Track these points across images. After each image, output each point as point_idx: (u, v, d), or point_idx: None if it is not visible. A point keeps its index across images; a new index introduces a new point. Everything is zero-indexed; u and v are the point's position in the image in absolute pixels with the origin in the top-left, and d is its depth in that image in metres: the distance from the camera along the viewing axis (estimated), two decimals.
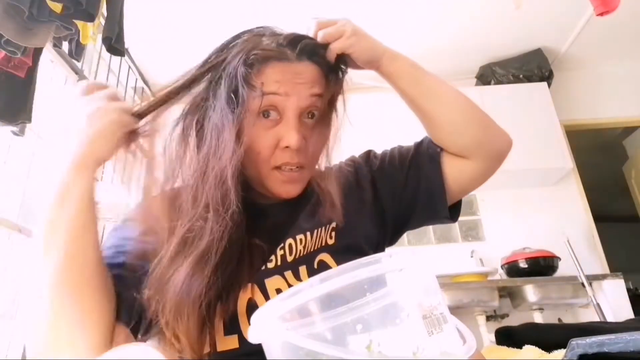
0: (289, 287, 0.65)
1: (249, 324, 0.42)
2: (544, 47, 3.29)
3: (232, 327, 0.62)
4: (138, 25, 2.40)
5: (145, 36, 2.78)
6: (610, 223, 4.40)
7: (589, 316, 2.67)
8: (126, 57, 2.82)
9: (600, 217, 3.30)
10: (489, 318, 2.67)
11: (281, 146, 0.66)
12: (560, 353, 1.19)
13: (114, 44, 1.82)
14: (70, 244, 0.56)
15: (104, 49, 1.99)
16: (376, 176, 0.80)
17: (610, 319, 2.39)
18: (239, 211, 0.62)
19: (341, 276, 0.39)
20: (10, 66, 1.63)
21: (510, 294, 2.70)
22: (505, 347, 1.45)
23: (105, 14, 1.79)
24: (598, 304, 2.37)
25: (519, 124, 2.71)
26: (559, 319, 2.76)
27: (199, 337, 0.59)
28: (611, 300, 2.50)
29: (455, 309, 2.46)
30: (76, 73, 2.36)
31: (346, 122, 0.75)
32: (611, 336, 0.47)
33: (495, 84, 3.30)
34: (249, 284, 0.64)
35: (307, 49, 0.68)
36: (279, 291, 0.65)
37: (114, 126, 0.61)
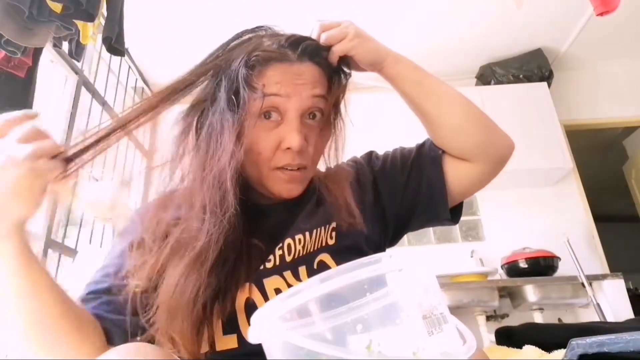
0: (288, 287, 0.65)
1: (247, 324, 0.42)
2: (544, 47, 3.29)
3: (230, 327, 0.62)
4: (138, 25, 2.40)
5: (145, 36, 2.78)
6: (610, 223, 4.40)
7: (589, 316, 2.67)
8: (126, 57, 2.82)
9: (600, 217, 3.30)
10: (489, 318, 2.67)
11: (283, 147, 0.66)
12: (560, 353, 1.19)
13: (114, 44, 1.82)
14: (25, 314, 0.55)
15: (104, 49, 1.99)
16: (378, 177, 0.80)
17: (610, 319, 2.39)
18: (237, 213, 0.62)
19: (341, 276, 0.39)
20: (10, 66, 1.63)
21: (510, 294, 2.70)
22: (505, 347, 1.45)
23: (105, 14, 1.79)
24: (598, 304, 2.37)
25: (519, 124, 2.72)
26: (559, 319, 2.76)
27: (193, 338, 0.58)
28: (611, 300, 2.50)
29: (455, 309, 2.46)
30: (76, 73, 2.36)
31: (348, 122, 0.75)
32: (611, 336, 0.47)
33: (495, 84, 3.30)
34: (247, 283, 0.64)
35: (308, 50, 0.68)
36: (277, 291, 0.65)
37: (28, 180, 0.50)
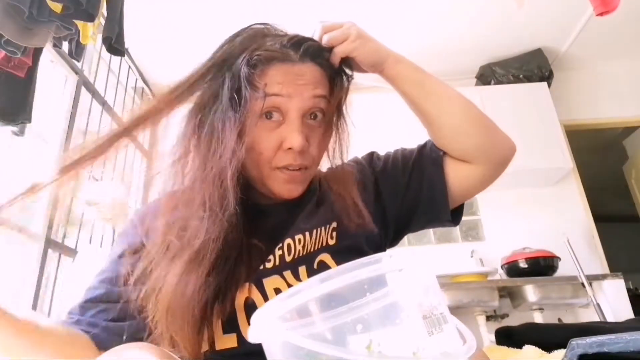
0: (288, 287, 0.65)
1: (247, 323, 0.42)
2: (544, 47, 3.29)
3: (230, 326, 0.62)
4: (138, 25, 2.40)
5: (145, 36, 2.78)
6: (610, 223, 4.40)
7: (589, 316, 2.67)
8: (126, 57, 2.82)
9: (600, 217, 3.30)
10: (489, 318, 2.67)
11: (284, 147, 0.66)
12: (560, 353, 1.19)
13: (114, 44, 1.81)
14: None
15: (104, 49, 1.98)
16: (379, 177, 0.80)
17: (610, 319, 2.38)
18: (237, 212, 0.62)
19: (341, 276, 0.39)
20: (10, 66, 1.63)
21: (510, 294, 2.70)
22: (505, 347, 1.45)
23: (105, 14, 1.79)
24: (598, 304, 2.37)
25: (519, 124, 2.72)
26: (559, 319, 2.76)
27: (194, 338, 0.58)
28: (611, 300, 2.50)
29: (455, 309, 2.46)
30: (76, 73, 2.36)
31: (350, 123, 0.75)
32: (611, 336, 0.47)
33: (495, 84, 3.29)
34: (247, 283, 0.64)
35: (310, 51, 0.68)
36: (277, 291, 0.65)
37: None
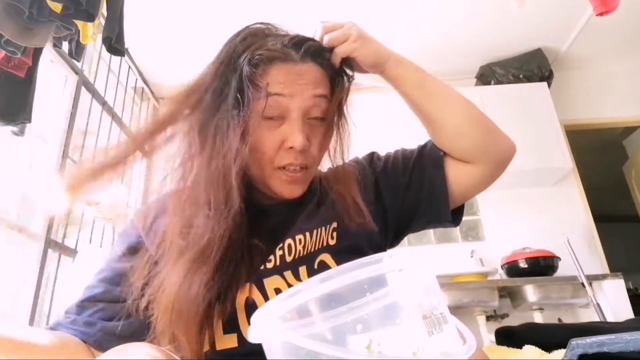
0: (289, 287, 0.65)
1: (248, 323, 0.42)
2: (544, 47, 3.29)
3: (231, 326, 0.62)
4: (138, 25, 2.40)
5: (145, 36, 2.78)
6: (610, 223, 4.40)
7: (589, 316, 2.67)
8: (126, 57, 2.82)
9: (600, 217, 3.30)
10: (489, 318, 2.67)
11: (285, 147, 0.66)
12: (560, 353, 1.19)
13: (114, 44, 1.81)
14: None
15: (104, 49, 1.98)
16: (379, 178, 0.80)
17: (610, 319, 2.38)
18: (241, 211, 0.62)
19: (341, 276, 0.39)
20: (10, 66, 1.63)
21: (510, 294, 2.69)
22: (505, 347, 1.45)
23: (105, 14, 1.79)
24: (598, 304, 2.37)
25: (519, 124, 2.72)
26: (559, 319, 2.76)
27: (197, 337, 0.58)
28: (611, 300, 2.50)
29: (455, 309, 2.46)
30: (76, 73, 2.36)
31: (351, 124, 0.75)
32: (611, 336, 0.47)
33: (495, 84, 3.29)
34: (247, 283, 0.64)
35: (311, 51, 0.69)
36: (277, 291, 0.65)
37: None
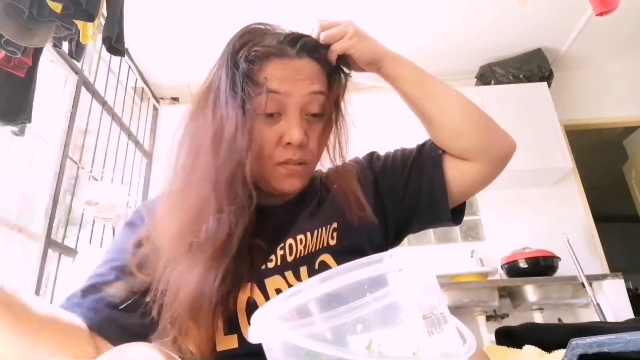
0: (289, 287, 0.65)
1: (248, 324, 0.41)
2: (544, 47, 3.29)
3: (231, 327, 0.62)
4: (138, 25, 2.40)
5: (145, 36, 2.78)
6: (610, 223, 4.41)
7: (589, 316, 2.67)
8: (126, 57, 2.82)
9: (600, 217, 3.30)
10: (489, 318, 2.67)
11: (283, 142, 0.67)
12: (560, 353, 1.19)
13: (114, 44, 1.81)
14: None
15: (104, 49, 1.99)
16: (378, 177, 0.80)
17: (610, 319, 2.38)
18: (252, 208, 0.63)
19: (341, 276, 0.39)
20: (10, 66, 1.63)
21: (510, 294, 2.70)
22: (505, 347, 1.45)
23: (105, 14, 1.79)
24: (598, 304, 2.37)
25: (519, 124, 2.71)
26: (559, 319, 2.76)
27: (209, 336, 0.59)
28: (611, 300, 2.50)
29: (455, 309, 2.46)
30: (76, 73, 2.36)
31: (350, 121, 0.75)
32: (611, 336, 0.47)
33: (495, 84, 3.29)
34: (249, 283, 0.64)
35: (307, 46, 0.69)
36: (278, 291, 0.65)
37: None
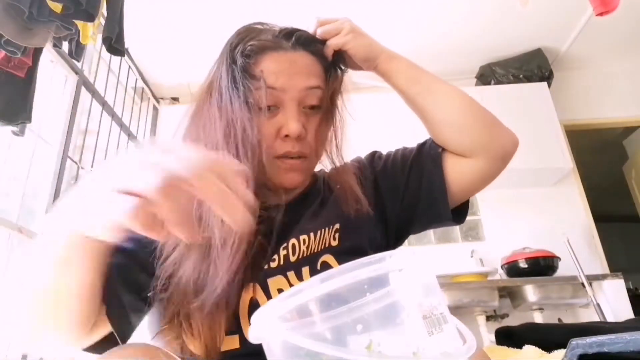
0: (291, 287, 0.65)
1: (249, 324, 0.41)
2: (544, 47, 3.29)
3: (233, 327, 0.62)
4: (138, 25, 2.40)
5: (145, 36, 2.78)
6: (610, 223, 4.40)
7: (589, 316, 2.67)
8: (126, 57, 2.82)
9: (600, 217, 3.30)
10: (489, 318, 2.67)
11: (281, 135, 0.67)
12: (560, 353, 1.19)
13: (114, 44, 1.82)
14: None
15: (104, 49, 1.99)
16: (379, 177, 0.80)
17: (610, 319, 2.39)
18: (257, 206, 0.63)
19: (341, 276, 0.39)
20: (10, 66, 1.63)
21: (510, 294, 2.70)
22: (505, 347, 1.45)
23: (105, 14, 1.79)
24: (598, 304, 2.37)
25: (519, 124, 2.69)
26: (559, 319, 2.76)
27: (219, 334, 0.59)
28: (611, 300, 2.50)
29: (455, 309, 2.46)
30: (76, 73, 2.36)
31: (349, 122, 0.75)
32: (611, 336, 0.47)
33: (495, 84, 3.29)
34: (251, 283, 0.64)
35: (302, 39, 0.70)
36: (280, 291, 0.64)
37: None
